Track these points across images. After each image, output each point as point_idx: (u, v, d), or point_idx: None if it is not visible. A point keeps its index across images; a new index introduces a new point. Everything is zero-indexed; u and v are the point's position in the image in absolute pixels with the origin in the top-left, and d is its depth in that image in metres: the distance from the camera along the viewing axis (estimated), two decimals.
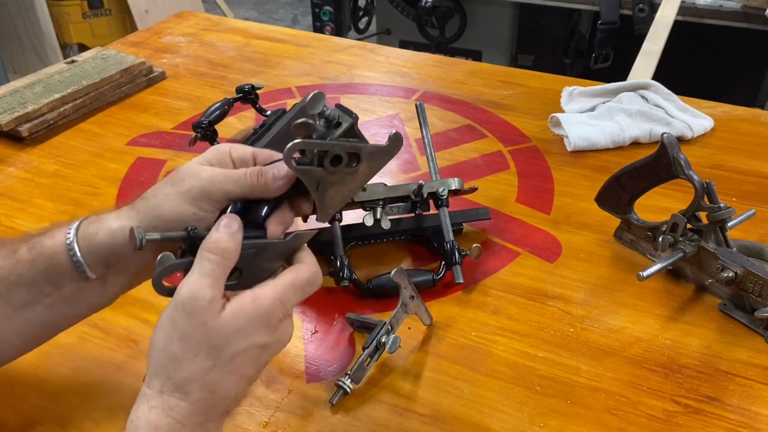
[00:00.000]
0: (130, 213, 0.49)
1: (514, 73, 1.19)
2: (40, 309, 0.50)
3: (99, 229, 0.49)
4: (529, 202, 0.84)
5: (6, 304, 0.49)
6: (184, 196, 0.47)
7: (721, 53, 2.12)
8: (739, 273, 0.63)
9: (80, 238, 0.49)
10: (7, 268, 0.49)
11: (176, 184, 0.48)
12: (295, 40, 1.33)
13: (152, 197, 0.49)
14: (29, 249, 0.49)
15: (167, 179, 0.49)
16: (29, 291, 0.49)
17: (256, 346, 0.44)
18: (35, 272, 0.49)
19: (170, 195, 0.47)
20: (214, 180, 0.47)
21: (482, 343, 0.63)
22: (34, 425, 0.56)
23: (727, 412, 0.56)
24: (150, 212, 0.48)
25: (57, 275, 0.49)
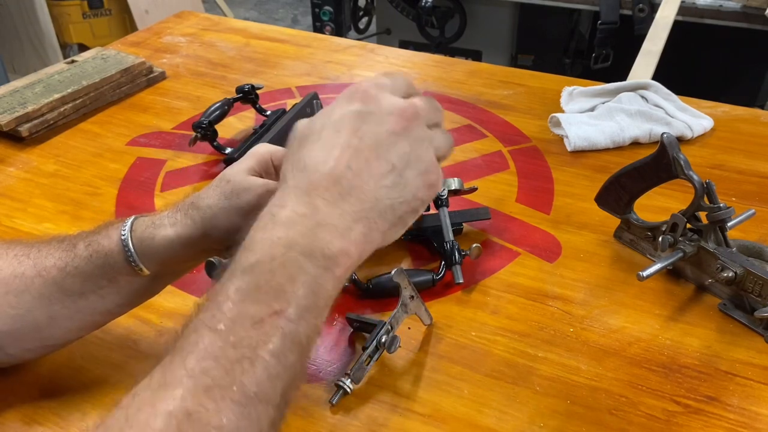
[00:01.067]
0: (185, 222, 0.51)
1: (514, 73, 1.19)
2: (93, 298, 0.53)
3: (155, 234, 0.51)
4: (529, 202, 0.84)
5: (60, 291, 0.52)
6: (241, 210, 0.50)
7: (721, 53, 2.12)
8: (739, 273, 0.63)
9: (135, 240, 0.52)
10: (65, 260, 0.52)
11: (232, 198, 0.50)
12: (295, 40, 1.33)
13: (207, 208, 0.51)
14: (86, 246, 0.52)
15: (220, 191, 0.51)
16: (84, 282, 0.52)
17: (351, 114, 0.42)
18: (92, 267, 0.52)
19: (227, 209, 0.50)
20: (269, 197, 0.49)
21: (482, 343, 0.63)
22: (34, 425, 0.56)
23: (727, 412, 0.56)
24: (207, 223, 0.51)
25: (112, 271, 0.52)
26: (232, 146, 0.93)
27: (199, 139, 0.90)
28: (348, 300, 0.69)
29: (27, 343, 0.55)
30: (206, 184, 0.88)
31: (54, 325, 0.54)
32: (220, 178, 0.52)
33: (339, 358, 0.62)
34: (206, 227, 0.51)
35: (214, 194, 0.51)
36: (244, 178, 0.51)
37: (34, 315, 0.53)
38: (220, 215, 0.50)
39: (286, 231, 0.39)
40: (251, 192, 0.50)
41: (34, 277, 0.52)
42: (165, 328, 0.65)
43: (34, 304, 0.53)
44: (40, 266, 0.53)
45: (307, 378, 0.39)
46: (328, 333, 0.65)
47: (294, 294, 0.38)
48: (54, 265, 0.52)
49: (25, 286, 0.52)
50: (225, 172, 0.52)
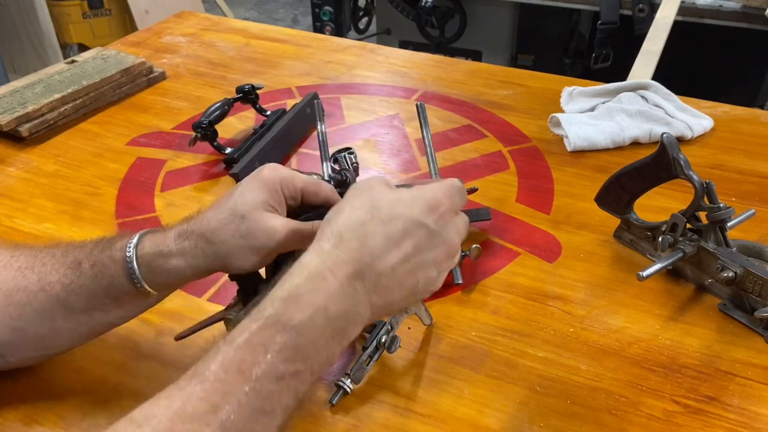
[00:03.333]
0: (197, 253, 0.51)
1: (514, 73, 1.19)
2: (97, 315, 0.54)
3: (164, 264, 0.51)
4: (528, 202, 0.84)
5: (63, 307, 0.52)
6: (256, 251, 0.50)
7: (721, 53, 2.12)
8: (739, 273, 0.63)
9: (143, 267, 0.51)
10: (70, 278, 0.52)
11: (248, 237, 0.50)
12: (295, 40, 1.33)
13: (221, 244, 0.50)
14: (91, 266, 0.52)
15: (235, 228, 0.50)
16: (88, 300, 0.52)
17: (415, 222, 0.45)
18: (96, 286, 0.52)
19: (242, 248, 0.50)
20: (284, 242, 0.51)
21: (482, 343, 0.63)
22: (34, 425, 0.56)
23: (727, 412, 0.56)
24: (219, 259, 0.51)
25: (117, 291, 0.52)
26: (232, 146, 0.93)
27: (199, 139, 0.90)
28: None
29: (28, 352, 0.56)
30: (207, 185, 0.88)
31: (56, 337, 0.55)
32: (233, 211, 0.50)
33: (339, 358, 0.62)
34: (219, 262, 0.51)
35: (228, 231, 0.50)
36: (261, 218, 0.50)
37: (35, 328, 0.53)
38: (235, 253, 0.50)
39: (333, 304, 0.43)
40: (270, 236, 0.50)
41: (38, 291, 0.52)
42: (165, 328, 0.65)
43: (36, 317, 0.52)
44: (44, 281, 0.52)
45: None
46: None
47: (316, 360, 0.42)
48: (58, 281, 0.52)
49: (27, 299, 0.52)
50: (237, 205, 0.50)
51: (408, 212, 0.45)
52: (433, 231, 0.45)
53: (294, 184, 0.52)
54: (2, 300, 0.52)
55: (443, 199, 0.46)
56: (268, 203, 0.51)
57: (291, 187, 0.52)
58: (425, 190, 0.46)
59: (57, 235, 0.79)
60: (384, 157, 0.95)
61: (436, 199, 0.46)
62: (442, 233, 0.46)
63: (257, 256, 0.51)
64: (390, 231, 0.44)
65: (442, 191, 0.47)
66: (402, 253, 0.44)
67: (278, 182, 0.51)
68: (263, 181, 0.51)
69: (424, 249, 0.45)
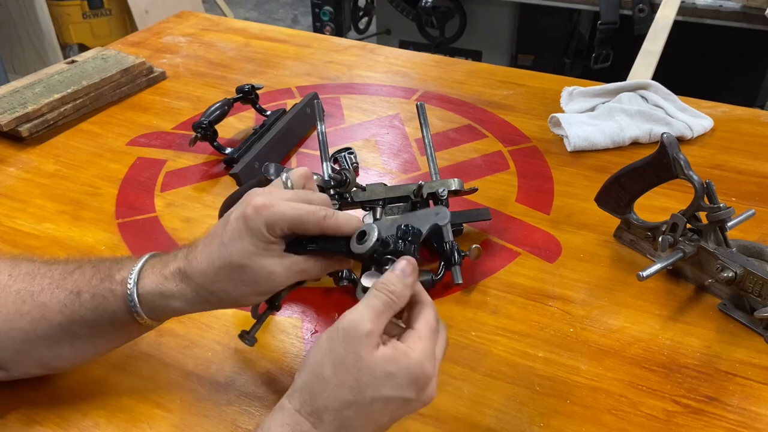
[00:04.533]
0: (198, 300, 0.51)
1: (514, 73, 1.19)
2: (101, 341, 0.55)
3: (166, 305, 0.51)
4: (529, 202, 0.84)
5: (68, 334, 0.53)
6: (260, 294, 0.51)
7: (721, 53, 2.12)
8: (739, 273, 0.63)
9: (145, 308, 0.51)
10: (72, 308, 0.52)
11: (251, 285, 0.50)
12: (295, 40, 1.33)
13: (223, 293, 0.50)
14: (91, 297, 0.52)
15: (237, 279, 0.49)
16: (91, 329, 0.53)
17: (400, 399, 0.44)
18: (98, 317, 0.52)
19: (246, 294, 0.50)
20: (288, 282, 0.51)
21: (482, 343, 0.63)
22: (34, 425, 0.56)
23: (727, 412, 0.56)
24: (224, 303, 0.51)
25: (119, 323, 0.53)
26: (232, 146, 0.93)
27: (199, 139, 0.90)
28: (348, 300, 0.69)
29: (33, 370, 0.56)
30: (207, 185, 0.88)
31: (60, 359, 0.55)
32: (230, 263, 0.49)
33: None
34: (222, 305, 0.52)
35: (230, 282, 0.49)
36: (260, 265, 0.49)
37: (40, 352, 0.53)
38: (240, 299, 0.51)
39: None
40: (272, 281, 0.50)
41: (40, 319, 0.52)
42: (165, 328, 0.65)
43: (41, 343, 0.53)
44: (44, 309, 0.52)
45: None
46: None
47: None
48: (60, 312, 0.52)
49: (30, 326, 0.52)
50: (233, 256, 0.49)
51: (392, 393, 0.43)
52: (413, 401, 0.44)
53: (279, 226, 0.49)
54: (3, 323, 0.52)
55: (431, 370, 0.44)
56: (261, 248, 0.49)
57: (277, 230, 0.49)
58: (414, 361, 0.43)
59: (57, 235, 0.79)
60: (384, 157, 0.95)
61: (424, 375, 0.44)
62: (424, 397, 0.45)
63: (262, 296, 0.52)
64: (370, 412, 0.43)
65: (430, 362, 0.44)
66: (378, 426, 0.44)
67: (264, 229, 0.48)
68: (249, 228, 0.48)
69: (401, 414, 0.45)
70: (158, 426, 0.56)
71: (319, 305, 0.68)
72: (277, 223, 0.48)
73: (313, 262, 0.51)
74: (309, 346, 0.64)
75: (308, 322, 0.66)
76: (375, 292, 0.45)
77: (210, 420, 0.56)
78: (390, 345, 0.44)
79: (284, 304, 0.68)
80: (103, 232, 0.79)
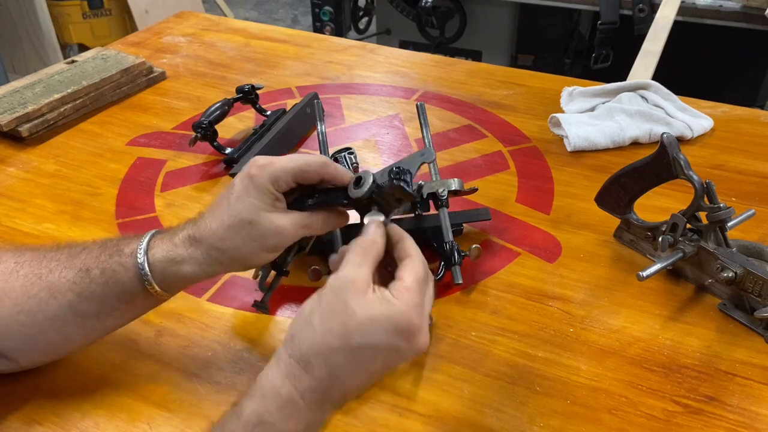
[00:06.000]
0: (210, 262, 0.52)
1: (514, 73, 1.19)
2: (108, 319, 0.55)
3: (177, 271, 0.52)
4: (529, 202, 0.84)
5: (76, 314, 0.53)
6: (269, 249, 0.53)
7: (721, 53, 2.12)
8: (739, 273, 0.63)
9: (157, 275, 0.52)
10: (81, 285, 0.52)
11: (259, 240, 0.52)
12: (295, 40, 1.33)
13: (233, 250, 0.52)
14: (101, 272, 0.53)
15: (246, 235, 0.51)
16: (100, 306, 0.53)
17: (388, 347, 0.44)
18: (108, 291, 0.53)
19: (256, 250, 0.52)
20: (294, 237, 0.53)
21: (482, 343, 0.63)
22: (34, 425, 0.56)
23: (727, 412, 0.56)
24: (235, 262, 0.53)
25: (129, 296, 0.53)
26: (232, 146, 0.93)
27: (199, 139, 0.90)
28: None
29: (41, 357, 0.57)
30: (207, 185, 0.88)
31: (67, 342, 0.55)
32: (240, 219, 0.51)
33: None
34: (234, 264, 0.53)
35: (240, 239, 0.51)
36: (269, 220, 0.51)
37: (48, 335, 0.54)
38: (250, 255, 0.52)
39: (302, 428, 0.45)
40: (280, 235, 0.52)
41: (48, 299, 0.52)
42: (165, 328, 0.65)
43: (48, 325, 0.53)
44: (53, 288, 0.52)
45: None
46: None
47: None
48: (69, 290, 0.52)
49: (38, 307, 0.52)
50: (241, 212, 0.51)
51: (379, 339, 0.44)
52: (403, 349, 0.45)
53: (284, 179, 0.52)
54: (12, 308, 0.52)
55: (417, 320, 0.45)
56: (267, 203, 0.51)
57: (282, 183, 0.52)
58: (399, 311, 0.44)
59: (57, 235, 0.79)
60: (384, 157, 0.95)
61: (410, 324, 0.45)
62: (415, 345, 0.45)
63: (271, 252, 0.53)
64: (360, 359, 0.44)
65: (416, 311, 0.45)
66: (370, 374, 0.45)
67: (269, 183, 0.51)
68: (254, 184, 0.51)
69: (393, 363, 0.46)
70: (158, 426, 0.56)
71: None
72: (281, 176, 0.51)
73: (316, 216, 0.54)
74: None
75: None
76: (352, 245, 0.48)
77: (210, 420, 0.56)
78: (378, 293, 0.45)
79: (284, 304, 0.68)
80: (103, 232, 0.79)
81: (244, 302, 0.68)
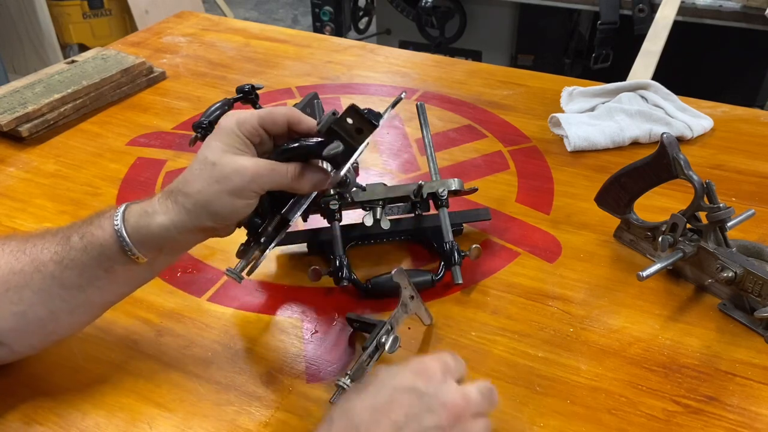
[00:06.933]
0: (177, 209, 0.53)
1: (514, 73, 1.19)
2: (91, 291, 0.54)
3: (149, 223, 0.52)
4: (528, 202, 0.84)
5: (60, 286, 0.53)
6: (233, 193, 0.52)
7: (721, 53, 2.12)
8: (739, 273, 0.63)
9: (130, 229, 0.53)
10: (61, 254, 0.53)
11: (222, 182, 0.51)
12: (295, 40, 1.33)
13: (197, 194, 0.52)
14: (80, 238, 0.53)
15: (208, 176, 0.52)
16: (81, 274, 0.53)
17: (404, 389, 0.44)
18: (88, 258, 0.53)
19: (219, 193, 0.52)
20: (257, 180, 0.52)
21: (482, 343, 0.63)
22: (34, 425, 0.56)
23: (727, 412, 0.56)
24: (201, 209, 0.52)
25: (108, 261, 0.53)
26: None
27: (199, 139, 0.90)
28: (348, 300, 0.69)
29: (32, 339, 0.56)
30: None
31: (55, 320, 0.55)
32: (203, 161, 0.52)
33: (339, 358, 0.62)
34: (199, 213, 0.52)
35: (203, 180, 0.52)
36: (231, 160, 0.52)
37: (35, 311, 0.53)
38: (215, 201, 0.52)
39: None
40: (242, 175, 0.52)
41: (33, 272, 0.53)
42: (165, 328, 0.65)
43: (35, 299, 0.53)
44: (37, 261, 0.53)
45: None
46: (328, 333, 0.65)
47: None
48: (51, 260, 0.53)
49: (24, 282, 0.53)
50: (206, 155, 0.52)
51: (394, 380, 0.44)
52: (424, 393, 0.44)
53: (250, 122, 0.53)
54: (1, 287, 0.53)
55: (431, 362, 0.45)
56: (233, 146, 0.52)
57: (248, 126, 0.53)
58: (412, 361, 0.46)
59: None
60: (384, 157, 0.95)
61: (422, 363, 0.45)
62: (437, 394, 0.44)
63: (236, 197, 0.52)
64: (376, 402, 0.43)
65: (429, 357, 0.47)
66: (393, 423, 0.43)
67: (234, 126, 0.53)
68: (221, 128, 0.53)
69: (419, 415, 0.43)
70: (158, 426, 0.56)
71: (319, 305, 0.68)
72: (247, 120, 0.53)
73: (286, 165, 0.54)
74: (309, 346, 0.64)
75: (308, 323, 0.66)
76: None
77: (210, 420, 0.56)
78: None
79: (284, 304, 0.68)
80: None
81: (244, 302, 0.69)
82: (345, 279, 0.67)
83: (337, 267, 0.67)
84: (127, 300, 0.59)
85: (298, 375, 0.60)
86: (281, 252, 0.75)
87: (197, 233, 0.54)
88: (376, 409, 0.43)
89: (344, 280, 0.67)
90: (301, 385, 0.59)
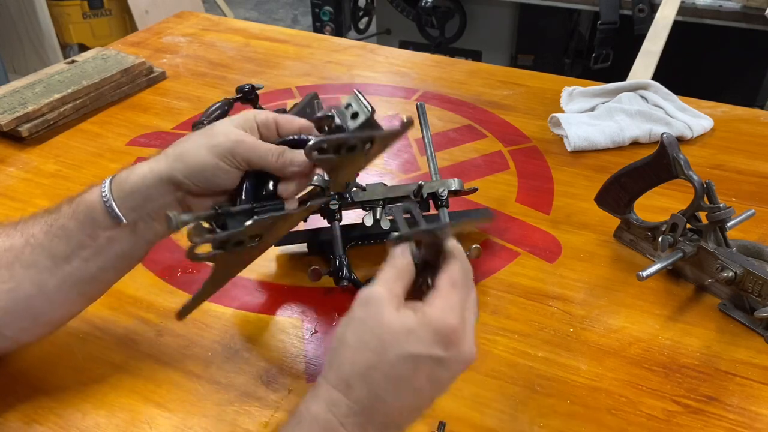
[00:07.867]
0: (158, 157, 0.54)
1: (514, 73, 1.20)
2: (77, 263, 0.54)
3: (130, 174, 0.54)
4: (528, 202, 0.84)
5: (48, 257, 0.53)
6: (212, 149, 0.52)
7: (721, 53, 2.12)
8: (739, 273, 0.63)
9: (114, 185, 0.53)
10: (50, 221, 0.54)
11: (207, 137, 0.53)
12: (295, 40, 1.33)
13: (182, 143, 0.54)
14: (69, 203, 0.54)
15: (201, 131, 0.54)
16: (68, 242, 0.53)
17: (428, 357, 0.42)
18: (74, 222, 0.53)
19: (199, 145, 0.53)
20: (241, 145, 0.52)
21: (482, 343, 0.63)
22: (34, 425, 0.56)
23: (727, 412, 0.56)
24: (178, 157, 0.53)
25: (93, 225, 0.53)
26: None
27: None
28: (348, 300, 0.68)
29: (22, 322, 0.55)
30: None
31: (43, 297, 0.54)
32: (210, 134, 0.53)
33: None
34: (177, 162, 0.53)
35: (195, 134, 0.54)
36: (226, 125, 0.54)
37: (24, 288, 0.54)
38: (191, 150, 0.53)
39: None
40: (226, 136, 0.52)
41: (23, 246, 0.54)
42: (165, 328, 0.65)
43: (24, 275, 0.53)
44: (27, 234, 0.54)
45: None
46: (328, 333, 0.65)
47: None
48: (41, 230, 0.54)
49: (15, 257, 0.53)
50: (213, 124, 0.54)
51: (417, 349, 0.42)
52: (446, 358, 0.42)
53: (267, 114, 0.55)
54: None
55: (454, 322, 0.42)
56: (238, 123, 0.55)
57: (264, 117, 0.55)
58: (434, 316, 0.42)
59: None
60: (384, 157, 0.95)
61: (447, 327, 0.42)
62: (458, 355, 0.43)
63: (214, 155, 0.52)
64: (400, 373, 0.42)
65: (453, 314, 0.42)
66: (415, 390, 0.42)
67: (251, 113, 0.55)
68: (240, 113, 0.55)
69: (440, 376, 0.43)
70: (158, 426, 0.56)
71: (319, 305, 0.68)
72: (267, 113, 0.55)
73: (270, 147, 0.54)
74: (309, 346, 0.64)
75: (308, 322, 0.66)
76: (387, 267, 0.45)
77: (210, 420, 0.56)
78: (410, 305, 0.43)
79: (284, 304, 0.68)
80: None
81: (244, 302, 0.69)
82: (345, 279, 0.67)
83: (337, 267, 0.67)
84: (127, 300, 0.59)
85: (298, 375, 0.60)
86: (281, 252, 0.75)
87: (170, 187, 0.53)
88: (401, 380, 0.42)
89: (344, 280, 0.67)
90: (301, 385, 0.59)
